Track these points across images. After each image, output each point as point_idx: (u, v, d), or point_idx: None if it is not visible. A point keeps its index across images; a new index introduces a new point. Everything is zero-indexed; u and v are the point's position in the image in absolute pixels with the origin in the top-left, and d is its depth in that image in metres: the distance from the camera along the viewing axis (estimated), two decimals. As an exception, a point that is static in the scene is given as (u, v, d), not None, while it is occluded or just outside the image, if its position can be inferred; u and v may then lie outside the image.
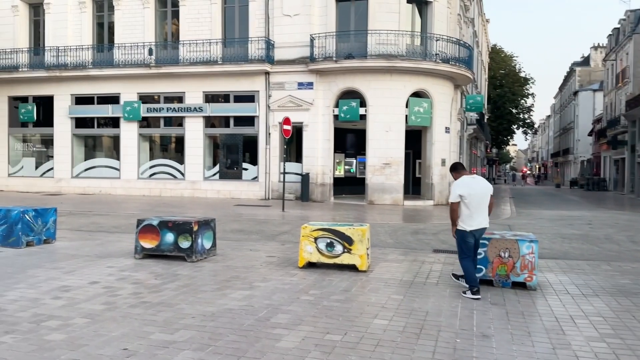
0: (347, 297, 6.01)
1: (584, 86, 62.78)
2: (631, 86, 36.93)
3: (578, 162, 63.58)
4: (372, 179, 20.03)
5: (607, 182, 44.09)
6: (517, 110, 58.00)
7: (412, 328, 4.94)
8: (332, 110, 20.35)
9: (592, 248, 10.28)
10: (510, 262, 6.65)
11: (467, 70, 21.24)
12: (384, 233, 12.00)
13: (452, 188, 6.45)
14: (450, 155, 22.20)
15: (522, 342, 4.60)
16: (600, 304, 5.94)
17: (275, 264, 7.93)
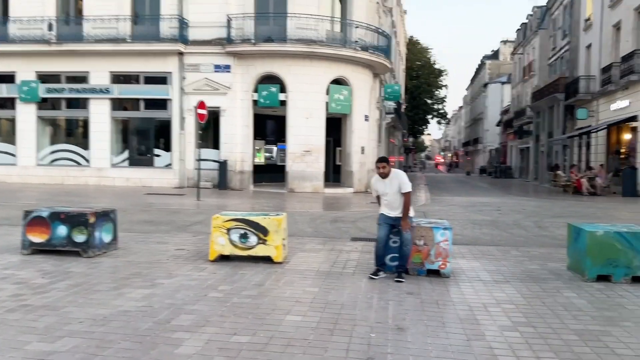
0: (260, 292, 5.64)
1: (493, 79, 66.19)
2: (537, 79, 39.26)
3: (487, 151, 67.15)
4: (293, 167, 19.73)
5: (513, 169, 46.84)
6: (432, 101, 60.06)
7: (326, 323, 4.66)
8: (251, 95, 19.74)
9: (501, 234, 10.60)
10: (426, 250, 6.57)
11: (385, 60, 21.41)
12: (303, 222, 11.73)
13: (404, 178, 6.37)
14: (369, 143, 22.38)
15: (437, 334, 4.46)
16: (511, 290, 5.98)
17: (184, 257, 7.39)
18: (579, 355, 4.00)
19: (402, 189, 6.28)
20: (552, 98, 31.94)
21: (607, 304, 5.38)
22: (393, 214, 6.36)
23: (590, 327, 4.65)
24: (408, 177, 6.54)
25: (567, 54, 31.91)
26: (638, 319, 4.86)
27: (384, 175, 6.40)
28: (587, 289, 6.01)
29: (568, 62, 31.71)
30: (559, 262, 7.47)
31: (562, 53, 33.41)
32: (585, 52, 28.38)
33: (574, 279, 6.51)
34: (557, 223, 12.24)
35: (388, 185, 6.34)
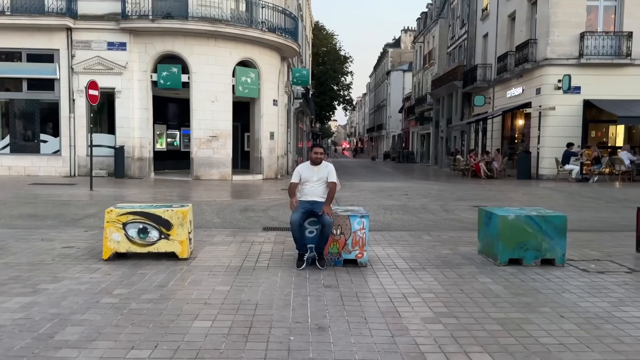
0: (162, 295, 5.01)
1: (395, 66, 68.20)
2: (436, 67, 40.84)
3: (390, 136, 69.37)
4: (198, 153, 18.78)
5: (415, 155, 48.70)
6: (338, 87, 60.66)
7: (239, 328, 4.18)
8: (149, 75, 18.43)
9: (411, 218, 10.66)
10: (342, 239, 6.28)
11: (293, 42, 20.96)
12: (211, 212, 11.05)
13: (333, 169, 6.34)
14: (279, 129, 21.91)
15: (360, 332, 4.15)
16: (428, 278, 5.86)
17: (73, 257, 6.52)
18: (505, 347, 3.87)
19: (330, 178, 6.20)
20: (450, 85, 33.35)
21: (523, 289, 5.39)
22: (311, 198, 6.09)
23: (511, 315, 4.58)
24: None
25: (465, 43, 33.41)
26: (554, 304, 4.88)
27: (317, 162, 6.23)
28: (500, 273, 6.04)
29: (466, 51, 33.22)
30: (470, 246, 7.54)
31: (460, 42, 34.93)
32: (482, 41, 29.84)
33: (486, 263, 6.55)
34: (461, 206, 12.61)
35: (316, 173, 6.20)
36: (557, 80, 20.50)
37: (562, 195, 15.08)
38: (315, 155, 6.28)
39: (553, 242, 6.38)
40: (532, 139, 22.14)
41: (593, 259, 6.77)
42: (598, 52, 20.20)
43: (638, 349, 3.83)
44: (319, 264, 6.06)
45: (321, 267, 6.03)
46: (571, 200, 13.82)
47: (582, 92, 20.29)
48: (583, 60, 20.20)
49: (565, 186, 18.12)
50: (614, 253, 7.17)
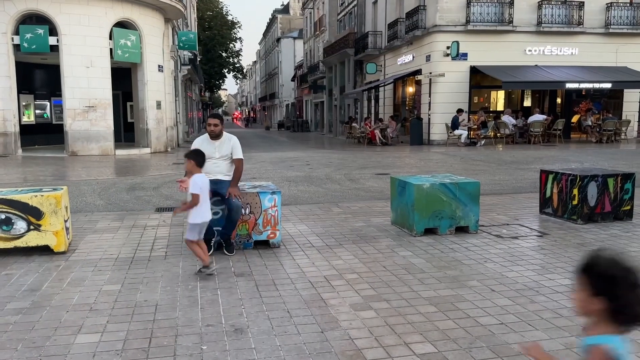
0: (35, 302, 4.04)
1: (285, 33, 67.06)
2: (327, 34, 40.56)
3: (284, 105, 68.68)
4: (73, 126, 16.79)
5: (310, 123, 48.62)
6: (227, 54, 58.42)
7: (137, 340, 3.41)
8: (10, 38, 15.97)
9: (317, 190, 10.23)
10: (252, 219, 5.62)
11: (177, 2, 19.33)
12: (92, 192, 9.76)
13: (237, 143, 5.59)
14: (166, 97, 20.31)
15: (285, 330, 3.57)
16: (347, 255, 5.42)
17: None
18: (445, 333, 3.51)
19: (235, 155, 5.44)
20: (342, 53, 33.27)
21: (445, 261, 5.14)
22: (214, 176, 5.25)
23: (442, 292, 4.26)
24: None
25: (356, 10, 33.36)
26: (481, 277, 4.66)
27: (215, 136, 5.36)
28: (418, 244, 5.77)
29: (357, 18, 33.21)
30: (381, 217, 7.25)
31: (350, 9, 34.83)
32: (372, 8, 29.92)
33: (401, 234, 6.27)
34: (365, 174, 12.42)
35: (217, 148, 5.37)
36: (445, 47, 21.04)
37: (455, 160, 15.54)
38: (210, 128, 5.39)
39: (467, 209, 6.24)
40: (423, 106, 22.72)
41: (502, 224, 6.77)
42: (483, 18, 20.99)
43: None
44: (227, 251, 5.35)
45: (230, 253, 5.33)
46: (465, 164, 14.24)
47: (468, 59, 21.03)
48: (470, 27, 20.88)
49: (456, 150, 18.81)
50: (519, 216, 7.27)
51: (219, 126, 5.41)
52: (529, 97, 24.52)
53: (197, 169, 4.67)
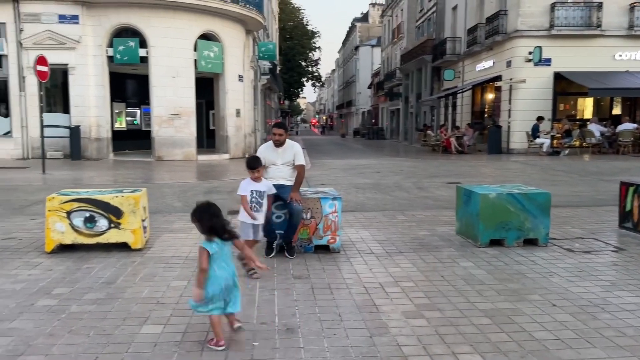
0: (109, 294, 4.40)
1: (364, 41, 67.37)
2: (405, 41, 40.28)
3: (360, 113, 68.90)
4: (160, 132, 17.88)
5: (385, 131, 48.41)
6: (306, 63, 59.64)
7: (195, 333, 3.63)
8: (105, 50, 17.35)
9: (384, 197, 10.22)
10: (313, 224, 5.76)
11: (258, 14, 20.07)
12: (171, 194, 10.38)
13: (300, 150, 5.77)
14: (245, 106, 21.12)
15: (334, 333, 3.65)
16: (406, 263, 5.41)
17: (13, 249, 5.83)
18: (497, 345, 3.43)
19: (297, 161, 5.62)
20: (420, 60, 32.90)
21: (508, 274, 4.99)
22: (277, 181, 5.49)
23: (500, 305, 4.16)
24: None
25: (434, 16, 32.91)
26: (543, 291, 4.49)
27: (279, 144, 5.59)
28: (482, 256, 5.63)
29: (435, 24, 32.74)
30: (447, 226, 7.13)
31: (429, 15, 34.41)
32: (452, 14, 29.38)
33: (465, 244, 6.15)
34: (435, 183, 12.24)
35: (280, 155, 5.60)
36: (527, 53, 20.24)
37: (534, 170, 14.90)
38: (275, 137, 5.61)
39: (536, 221, 6.00)
40: (503, 113, 21.96)
41: (576, 237, 6.45)
42: (569, 23, 19.99)
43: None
44: (288, 254, 5.54)
45: (290, 256, 5.51)
46: (544, 175, 13.62)
47: (552, 64, 20.09)
48: (554, 31, 19.96)
49: (537, 160, 18.00)
50: (596, 230, 6.87)
51: (283, 136, 5.62)
52: (618, 105, 22.95)
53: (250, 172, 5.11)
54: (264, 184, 5.09)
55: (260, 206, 5.04)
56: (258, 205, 5.04)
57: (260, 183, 5.06)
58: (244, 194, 5.02)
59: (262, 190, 5.05)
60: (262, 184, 5.08)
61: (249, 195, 5.01)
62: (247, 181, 5.06)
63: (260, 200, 5.04)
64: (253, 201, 5.02)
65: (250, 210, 5.00)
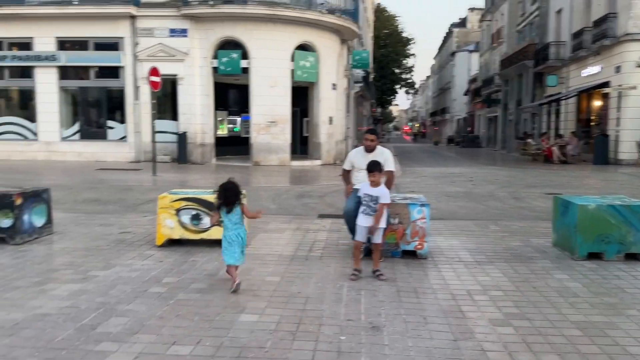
0: (211, 285, 4.82)
1: (461, 47, 65.69)
2: (505, 46, 38.81)
3: (454, 120, 67.16)
4: (257, 139, 18.76)
5: (481, 139, 46.82)
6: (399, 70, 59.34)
7: (287, 324, 3.90)
8: (210, 61, 18.54)
9: (477, 206, 10.03)
10: (400, 229, 5.86)
11: (353, 24, 20.42)
12: (267, 197, 10.91)
13: (390, 156, 5.92)
14: (338, 114, 21.55)
15: (419, 334, 3.75)
16: (496, 273, 5.35)
17: (128, 242, 6.50)
18: (586, 356, 3.36)
19: (387, 167, 5.71)
20: (521, 65, 31.56)
21: (605, 288, 4.79)
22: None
23: (593, 318, 4.03)
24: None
25: (537, 20, 31.42)
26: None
27: (370, 149, 5.78)
28: (578, 269, 5.43)
29: (538, 28, 31.24)
30: (543, 238, 6.91)
31: (531, 19, 32.91)
32: (556, 17, 27.91)
33: (562, 257, 5.93)
34: (533, 193, 11.77)
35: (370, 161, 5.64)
36: (638, 57, 18.75)
37: (645, 182, 13.79)
38: (367, 142, 5.83)
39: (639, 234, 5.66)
40: (611, 121, 20.49)
41: (688, 255, 5.97)
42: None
43: None
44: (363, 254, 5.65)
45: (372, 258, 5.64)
46: (657, 188, 12.58)
47: (668, 70, 18.45)
48: (670, 34, 18.33)
49: (649, 172, 16.62)
50: None
51: (375, 141, 5.81)
52: None
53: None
54: (378, 190, 5.04)
55: (373, 211, 5.01)
56: (370, 210, 5.03)
57: (376, 188, 5.04)
58: (357, 186, 5.36)
59: (375, 195, 5.01)
60: (377, 189, 5.04)
61: (362, 198, 5.08)
62: (365, 184, 5.15)
63: (371, 205, 5.01)
64: (364, 204, 5.06)
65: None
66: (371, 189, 5.05)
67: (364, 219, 5.06)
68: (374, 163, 5.14)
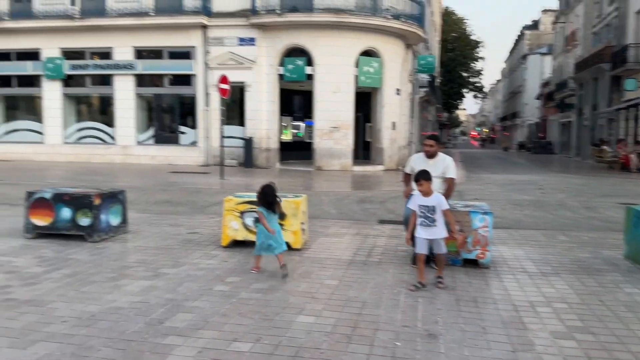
0: (271, 286, 4.99)
1: (533, 50, 63.28)
2: (580, 49, 37.03)
3: (526, 125, 64.69)
4: (320, 144, 19.00)
5: (554, 145, 44.83)
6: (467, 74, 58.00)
7: (343, 327, 3.98)
8: (276, 69, 18.99)
9: (545, 215, 9.67)
10: (461, 237, 5.78)
11: (418, 28, 20.24)
12: (328, 202, 11.04)
13: (452, 163, 5.82)
14: (401, 119, 21.40)
15: (476, 344, 3.72)
16: (562, 284, 5.17)
17: (196, 242, 6.82)
18: (656, 376, 3.21)
19: (448, 174, 5.68)
20: (597, 68, 29.99)
21: (681, 305, 4.51)
22: None
23: (665, 337, 3.82)
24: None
25: (615, 21, 29.76)
26: None
27: (430, 155, 5.75)
28: (652, 283, 5.14)
29: (615, 30, 29.58)
30: (614, 250, 6.59)
31: (609, 20, 31.21)
32: (636, 18, 26.32)
33: (634, 270, 5.65)
34: (606, 203, 11.19)
35: (431, 167, 5.58)
36: None
37: None
38: (426, 147, 5.78)
39: None
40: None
41: None
42: None
43: None
44: (434, 265, 5.64)
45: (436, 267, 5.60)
46: None
47: None
48: None
49: None
50: None
51: (434, 147, 5.76)
52: None
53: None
54: (433, 199, 4.91)
55: (431, 222, 4.88)
56: (428, 221, 4.88)
57: (429, 197, 4.90)
58: (413, 209, 4.98)
59: (431, 205, 4.88)
60: (432, 198, 4.90)
61: (418, 210, 4.93)
62: (417, 195, 5.02)
63: (429, 215, 4.88)
64: (421, 216, 4.92)
65: (413, 228, 4.98)
66: (425, 199, 4.91)
67: (422, 230, 4.94)
68: (421, 172, 5.02)
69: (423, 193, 4.92)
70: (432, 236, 4.92)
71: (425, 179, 4.93)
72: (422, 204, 4.91)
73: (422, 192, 4.92)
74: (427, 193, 4.91)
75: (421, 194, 4.94)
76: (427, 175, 4.97)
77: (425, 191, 4.92)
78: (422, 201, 4.92)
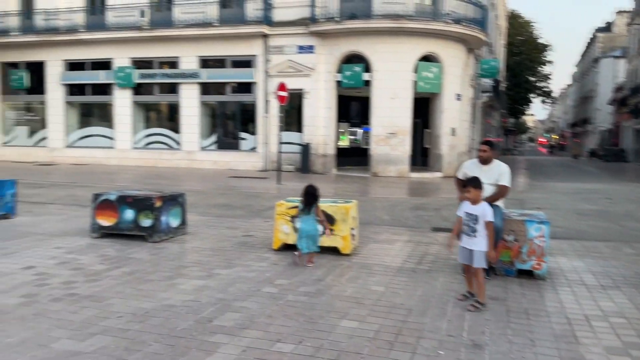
0: (318, 289, 5.05)
1: (606, 53, 60.18)
2: (657, 51, 34.85)
3: (597, 132, 61.52)
4: (377, 150, 18.92)
5: (627, 153, 42.36)
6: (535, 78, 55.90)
7: (386, 333, 3.98)
8: (334, 76, 19.12)
9: (611, 227, 9.19)
10: (516, 247, 5.62)
11: (480, 32, 19.77)
12: (382, 208, 11.00)
13: (506, 170, 5.69)
14: (461, 125, 20.95)
15: (523, 356, 3.62)
16: (622, 299, 4.91)
17: (249, 245, 7.01)
18: None
19: (501, 181, 5.55)
20: (677, 71, 28.11)
21: None
22: None
23: None
24: (506, 161, 5.74)
25: (698, 20, 27.80)
26: None
27: (484, 161, 5.65)
28: None
29: (699, 29, 27.62)
30: (686, 265, 6.16)
31: (691, 19, 29.19)
32: None
33: None
34: (682, 215, 10.47)
35: (485, 173, 5.44)
36: None
37: None
38: (479, 153, 5.69)
39: None
40: None
41: None
42: None
43: None
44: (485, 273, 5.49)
45: (487, 276, 5.45)
46: None
47: None
48: None
49: None
50: None
51: (487, 152, 5.64)
52: None
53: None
54: (479, 208, 4.65)
55: (472, 231, 4.63)
56: (469, 230, 4.66)
57: (475, 206, 4.67)
58: (460, 214, 4.79)
59: (475, 214, 4.63)
60: (478, 207, 4.66)
61: (464, 217, 4.74)
62: (466, 202, 4.79)
63: (471, 225, 4.64)
64: (464, 223, 4.72)
65: (457, 234, 4.81)
66: (471, 207, 4.69)
67: (464, 239, 4.73)
68: (471, 179, 4.81)
69: (471, 201, 4.74)
70: (471, 246, 4.65)
71: (474, 186, 4.72)
72: (468, 211, 4.72)
73: (470, 200, 4.73)
74: (475, 201, 4.70)
75: (469, 201, 4.79)
76: (476, 182, 4.77)
77: (472, 199, 4.70)
78: (468, 209, 4.72)
